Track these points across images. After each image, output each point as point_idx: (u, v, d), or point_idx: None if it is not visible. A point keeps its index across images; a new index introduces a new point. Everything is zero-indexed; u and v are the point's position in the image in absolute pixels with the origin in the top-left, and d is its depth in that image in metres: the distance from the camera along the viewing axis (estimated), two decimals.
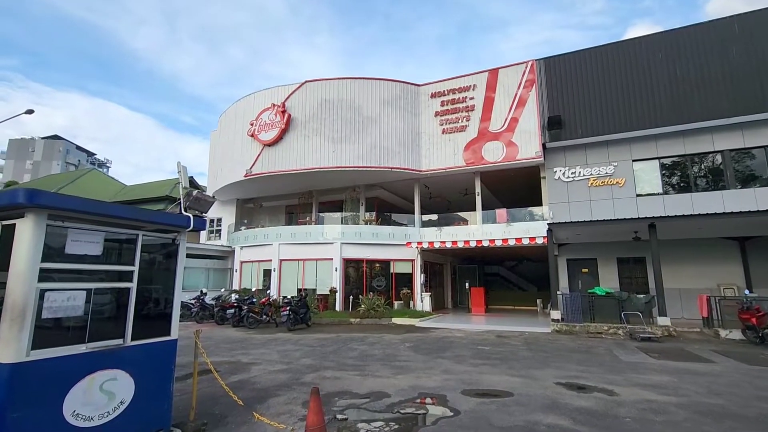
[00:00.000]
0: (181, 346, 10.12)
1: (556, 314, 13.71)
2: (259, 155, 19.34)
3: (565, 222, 14.39)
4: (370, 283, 18.57)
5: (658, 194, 15.32)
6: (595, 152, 16.36)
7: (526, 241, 15.72)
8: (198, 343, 4.78)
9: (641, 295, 12.81)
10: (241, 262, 20.85)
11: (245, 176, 19.50)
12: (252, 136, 19.59)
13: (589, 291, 13.52)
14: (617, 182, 15.83)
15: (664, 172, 15.52)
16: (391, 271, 18.73)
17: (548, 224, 14.48)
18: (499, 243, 16.29)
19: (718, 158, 14.94)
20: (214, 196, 5.04)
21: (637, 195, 15.53)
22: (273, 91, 19.67)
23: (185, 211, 4.39)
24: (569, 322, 13.07)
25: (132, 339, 3.74)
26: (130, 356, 3.71)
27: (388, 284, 18.65)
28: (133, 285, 3.77)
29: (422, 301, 17.76)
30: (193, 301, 16.47)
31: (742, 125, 14.51)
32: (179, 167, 4.42)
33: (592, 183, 16.19)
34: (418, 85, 19.26)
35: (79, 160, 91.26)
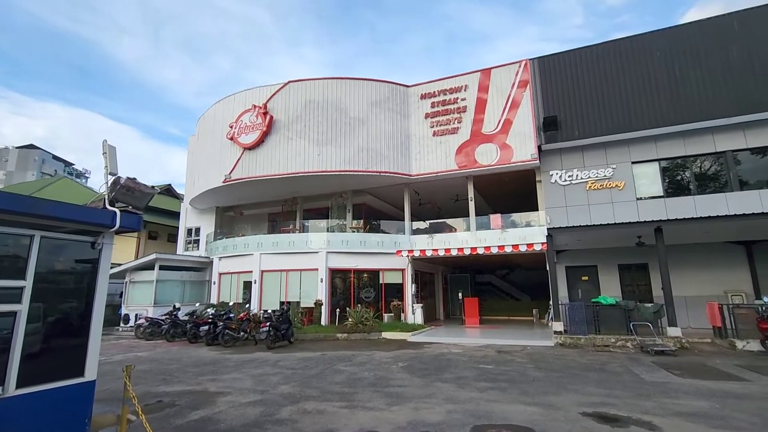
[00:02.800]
0: (144, 371, 8.85)
1: (558, 326, 12.79)
2: (239, 159, 18.15)
3: (567, 227, 13.58)
4: (358, 294, 17.43)
5: (659, 197, 14.63)
6: (592, 154, 15.65)
7: (523, 248, 14.82)
8: (127, 384, 3.60)
9: (649, 304, 11.98)
10: (220, 274, 19.49)
11: (224, 182, 18.26)
12: (231, 139, 18.42)
13: (593, 300, 12.65)
14: (616, 185, 15.11)
15: (664, 174, 14.87)
16: (381, 281, 17.64)
17: (548, 229, 13.64)
18: (494, 250, 15.36)
19: (720, 159, 14.36)
20: (153, 187, 3.95)
21: (638, 198, 14.81)
22: (254, 91, 18.59)
23: (111, 204, 3.28)
24: (573, 334, 12.14)
25: (18, 386, 2.60)
26: (13, 411, 2.57)
27: (378, 295, 17.53)
28: (21, 308, 2.65)
29: (414, 313, 16.68)
30: (164, 318, 15.09)
31: (743, 125, 13.97)
32: (105, 147, 3.32)
33: (590, 186, 15.45)
34: (408, 86, 18.41)
35: (55, 170, 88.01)
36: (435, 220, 19.61)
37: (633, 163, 15.17)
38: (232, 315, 13.97)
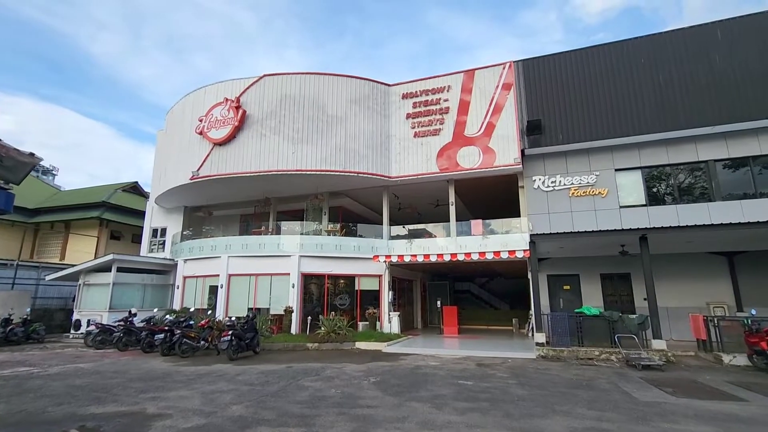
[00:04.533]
0: (78, 386, 7.73)
1: (540, 337, 12.23)
2: (208, 155, 17.06)
3: (550, 233, 13.10)
4: (332, 301, 16.51)
5: (642, 206, 14.34)
6: (576, 160, 15.30)
7: (505, 255, 14.26)
8: None
9: (633, 316, 11.53)
10: (185, 278, 18.22)
11: (191, 179, 17.11)
12: (200, 133, 17.31)
13: (577, 311, 12.14)
14: (600, 192, 14.76)
15: (647, 182, 14.62)
16: (356, 287, 16.77)
17: (531, 236, 13.13)
18: (475, 257, 14.78)
19: (703, 168, 14.19)
20: (33, 154, 3.00)
21: (621, 206, 14.49)
22: (227, 84, 17.57)
23: None
24: (556, 346, 11.58)
25: None
26: None
27: (353, 303, 16.65)
28: None
29: (390, 321, 15.87)
30: (117, 324, 13.81)
31: (725, 134, 13.86)
32: None
33: (573, 193, 15.06)
34: (389, 85, 17.76)
35: None
36: (414, 226, 18.89)
37: (616, 170, 14.87)
38: (192, 322, 12.85)
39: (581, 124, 15.05)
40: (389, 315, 15.96)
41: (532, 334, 13.99)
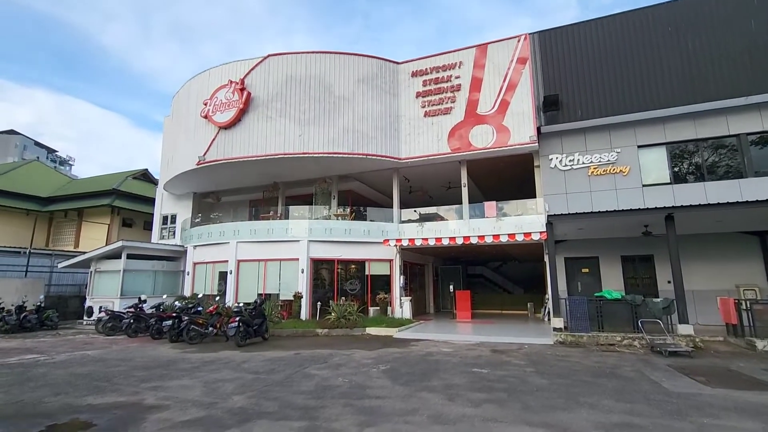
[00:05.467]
0: (81, 375, 7.55)
1: (558, 322, 11.71)
2: (213, 140, 16.70)
3: (569, 214, 12.40)
4: (342, 286, 16.20)
5: (666, 184, 13.55)
6: (595, 137, 14.49)
7: (520, 237, 13.69)
8: None
9: (658, 299, 10.91)
10: (194, 264, 18.11)
11: (197, 164, 16.81)
12: (206, 117, 16.93)
13: (597, 294, 11.56)
14: (621, 170, 13.98)
15: (673, 159, 13.77)
16: (367, 272, 16.41)
17: (548, 217, 12.48)
18: (489, 240, 14.21)
19: (733, 144, 13.27)
20: None
21: (644, 185, 13.72)
22: (231, 66, 17.07)
23: None
24: (574, 331, 11.05)
25: None
26: None
27: (363, 288, 16.32)
28: None
29: (401, 306, 15.50)
30: (127, 311, 13.73)
31: (759, 105, 12.88)
32: None
33: (592, 172, 14.31)
34: (398, 63, 17.04)
35: (38, 157, 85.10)
36: (425, 209, 18.32)
37: (639, 147, 14.04)
38: (201, 308, 12.67)
39: (602, 98, 14.19)
40: (400, 300, 15.60)
41: (549, 319, 13.51)
